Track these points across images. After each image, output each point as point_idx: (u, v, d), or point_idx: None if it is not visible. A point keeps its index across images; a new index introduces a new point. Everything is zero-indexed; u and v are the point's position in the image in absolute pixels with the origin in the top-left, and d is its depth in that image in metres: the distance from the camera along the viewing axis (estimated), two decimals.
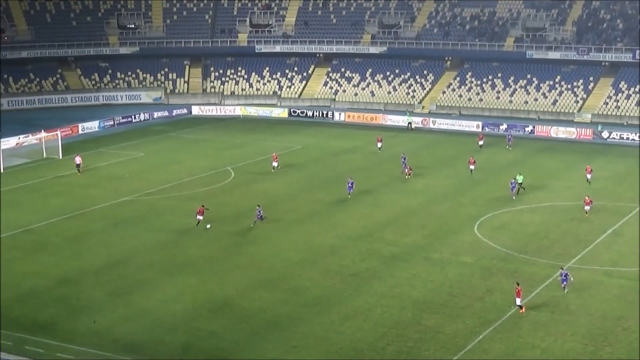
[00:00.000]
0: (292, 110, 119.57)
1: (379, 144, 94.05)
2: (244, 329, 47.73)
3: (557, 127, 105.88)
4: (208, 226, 63.01)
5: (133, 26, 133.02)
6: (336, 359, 44.28)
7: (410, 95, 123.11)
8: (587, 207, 66.86)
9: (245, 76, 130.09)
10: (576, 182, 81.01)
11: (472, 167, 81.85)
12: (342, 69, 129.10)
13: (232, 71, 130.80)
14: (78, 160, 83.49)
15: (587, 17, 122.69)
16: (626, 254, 59.99)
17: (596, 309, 50.33)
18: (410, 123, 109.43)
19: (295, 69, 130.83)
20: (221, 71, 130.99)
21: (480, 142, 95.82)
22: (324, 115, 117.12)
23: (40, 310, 50.56)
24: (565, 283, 52.03)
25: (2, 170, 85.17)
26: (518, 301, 49.21)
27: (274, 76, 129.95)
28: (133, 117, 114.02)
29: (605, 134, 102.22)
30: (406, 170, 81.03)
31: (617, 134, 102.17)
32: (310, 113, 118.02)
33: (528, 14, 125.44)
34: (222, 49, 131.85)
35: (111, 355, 44.46)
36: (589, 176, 77.85)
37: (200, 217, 64.47)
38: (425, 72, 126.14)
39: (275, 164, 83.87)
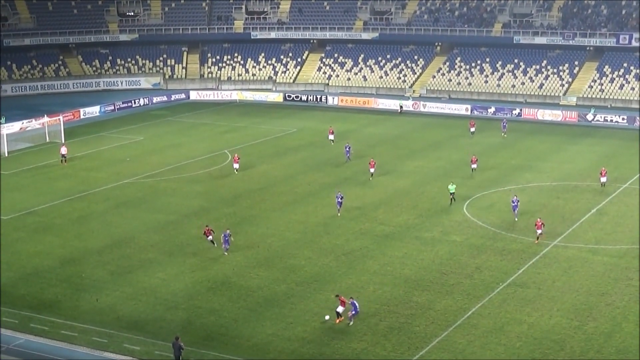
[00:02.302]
0: (287, 94, 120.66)
1: (331, 136, 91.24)
2: (242, 306, 48.74)
3: (544, 110, 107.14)
4: (327, 317, 47.21)
5: (132, 14, 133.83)
6: (330, 334, 45.35)
7: (401, 79, 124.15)
8: (539, 231, 58.82)
9: (242, 62, 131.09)
10: (562, 162, 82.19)
11: (474, 165, 77.19)
12: (335, 55, 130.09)
13: (229, 57, 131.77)
14: (64, 150, 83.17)
15: (573, 3, 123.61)
16: (610, 232, 61.22)
17: (581, 285, 51.45)
18: (401, 106, 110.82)
19: (290, 54, 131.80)
20: (218, 57, 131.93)
21: (472, 129, 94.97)
22: (318, 100, 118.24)
23: (45, 289, 51.53)
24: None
25: (6, 154, 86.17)
26: (340, 309, 46.68)
27: (270, 62, 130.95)
28: (133, 102, 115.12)
29: (590, 117, 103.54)
30: (372, 164, 76.40)
31: (601, 117, 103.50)
32: (304, 97, 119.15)
33: (515, 1, 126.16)
34: (219, 36, 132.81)
35: (114, 332, 45.47)
36: (603, 179, 72.34)
37: (210, 238, 57.93)
38: (415, 57, 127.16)
39: (236, 165, 78.19)
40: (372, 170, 75.86)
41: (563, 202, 68.58)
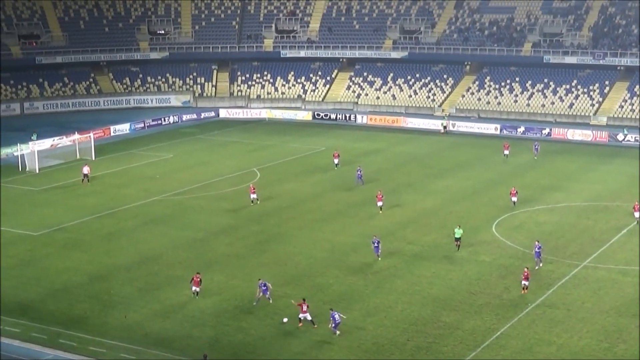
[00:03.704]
0: (316, 113, 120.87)
1: (336, 160, 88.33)
2: (269, 325, 48.74)
3: (574, 129, 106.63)
4: (285, 320, 48.51)
5: (163, 32, 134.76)
6: (358, 353, 45.26)
7: (431, 99, 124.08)
8: (525, 283, 53.18)
9: (271, 80, 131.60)
10: (592, 183, 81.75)
11: (514, 198, 72.25)
12: (365, 73, 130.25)
13: (258, 75, 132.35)
14: (86, 170, 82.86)
15: (603, 22, 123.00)
16: None
17: (611, 306, 51.01)
18: (445, 126, 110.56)
19: (319, 73, 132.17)
20: (248, 75, 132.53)
21: (506, 152, 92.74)
22: (347, 118, 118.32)
23: (73, 305, 51.84)
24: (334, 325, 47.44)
25: (37, 171, 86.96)
26: (308, 317, 48.05)
27: (299, 80, 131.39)
28: (163, 119, 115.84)
29: (620, 137, 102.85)
30: (379, 197, 71.74)
31: (632, 137, 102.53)
32: (333, 116, 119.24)
33: (545, 20, 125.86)
34: (249, 54, 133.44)
35: (141, 349, 45.63)
36: (637, 215, 67.59)
37: (196, 289, 52.74)
38: (445, 76, 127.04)
39: (254, 196, 73.86)
40: (380, 203, 71.24)
41: (593, 222, 68.15)
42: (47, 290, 54.28)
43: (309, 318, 48.16)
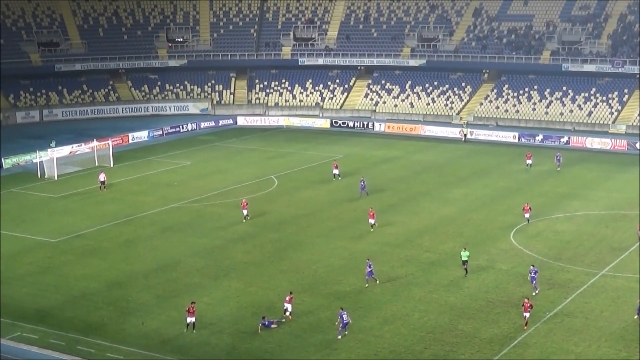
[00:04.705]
0: (333, 120, 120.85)
1: (335, 171, 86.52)
2: (286, 332, 48.75)
3: (592, 138, 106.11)
4: (283, 320, 50.09)
5: (181, 40, 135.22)
6: None
7: (449, 106, 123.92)
8: (526, 314, 49.60)
9: (289, 88, 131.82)
10: (611, 191, 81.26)
11: (527, 215, 69.84)
12: (383, 81, 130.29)
13: (276, 83, 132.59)
14: (102, 177, 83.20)
15: (622, 30, 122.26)
16: None
17: (629, 315, 50.64)
18: (465, 135, 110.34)
19: (337, 81, 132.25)
20: (266, 83, 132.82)
21: (529, 161, 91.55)
22: (365, 126, 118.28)
23: (91, 312, 52.01)
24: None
25: (56, 178, 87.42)
26: (289, 308, 50.57)
27: (317, 88, 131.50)
28: (181, 127, 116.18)
29: (639, 145, 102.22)
30: (371, 214, 68.88)
31: None
32: (351, 124, 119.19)
33: (564, 28, 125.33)
34: (267, 62, 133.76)
35: (159, 356, 45.74)
36: None
37: (192, 319, 49.25)
38: (463, 84, 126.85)
39: (245, 211, 71.59)
40: (372, 221, 68.33)
41: (611, 231, 67.75)
42: (65, 297, 54.49)
43: (289, 309, 49.92)
